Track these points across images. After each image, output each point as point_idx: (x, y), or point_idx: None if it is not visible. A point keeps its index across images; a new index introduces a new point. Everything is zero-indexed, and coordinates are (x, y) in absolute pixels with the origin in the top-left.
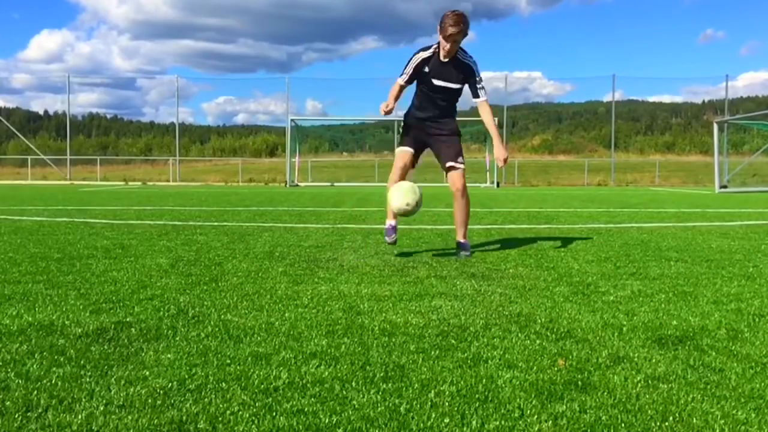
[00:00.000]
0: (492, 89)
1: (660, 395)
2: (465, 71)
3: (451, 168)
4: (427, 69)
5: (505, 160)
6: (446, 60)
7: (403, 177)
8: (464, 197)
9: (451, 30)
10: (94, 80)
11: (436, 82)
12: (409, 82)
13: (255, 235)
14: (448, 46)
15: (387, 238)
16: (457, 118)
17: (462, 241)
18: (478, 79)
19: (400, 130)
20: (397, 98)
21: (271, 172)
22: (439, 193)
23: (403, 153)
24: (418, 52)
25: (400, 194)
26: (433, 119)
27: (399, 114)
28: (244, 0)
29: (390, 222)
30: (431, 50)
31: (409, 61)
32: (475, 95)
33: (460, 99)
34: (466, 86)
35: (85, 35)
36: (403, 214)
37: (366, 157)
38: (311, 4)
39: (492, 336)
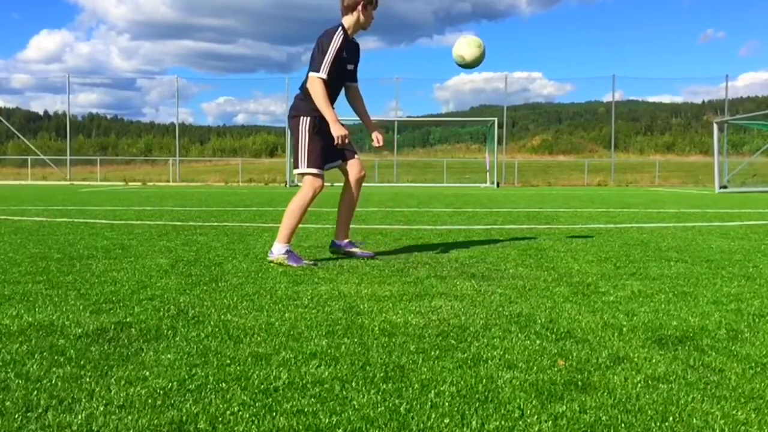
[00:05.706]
0: (492, 89)
1: (660, 395)
2: (358, 50)
3: (353, 159)
4: (345, 53)
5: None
6: (351, 39)
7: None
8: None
9: None
10: (94, 80)
11: (348, 66)
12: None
13: (255, 236)
14: (372, 18)
15: (302, 263)
16: (457, 118)
17: (348, 241)
18: None
19: (302, 131)
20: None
21: (271, 173)
22: (439, 193)
23: (319, 180)
24: (334, 35)
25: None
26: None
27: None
28: (243, 0)
29: (285, 246)
30: (341, 30)
31: (328, 48)
32: (356, 78)
33: (459, 99)
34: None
35: (84, 35)
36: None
37: (366, 157)
38: (311, 5)
39: (492, 336)
